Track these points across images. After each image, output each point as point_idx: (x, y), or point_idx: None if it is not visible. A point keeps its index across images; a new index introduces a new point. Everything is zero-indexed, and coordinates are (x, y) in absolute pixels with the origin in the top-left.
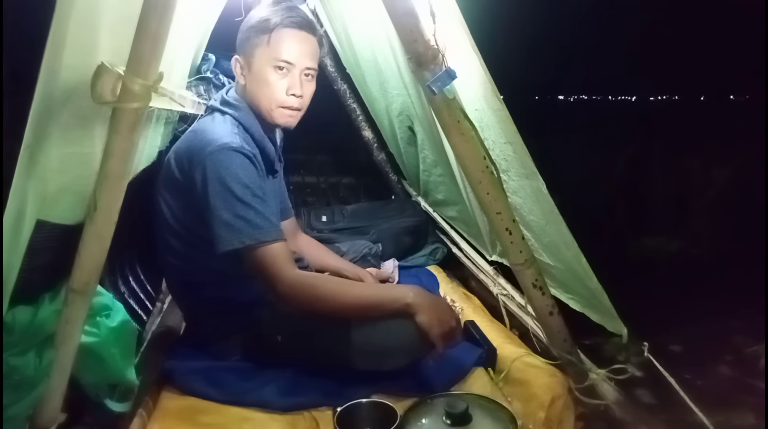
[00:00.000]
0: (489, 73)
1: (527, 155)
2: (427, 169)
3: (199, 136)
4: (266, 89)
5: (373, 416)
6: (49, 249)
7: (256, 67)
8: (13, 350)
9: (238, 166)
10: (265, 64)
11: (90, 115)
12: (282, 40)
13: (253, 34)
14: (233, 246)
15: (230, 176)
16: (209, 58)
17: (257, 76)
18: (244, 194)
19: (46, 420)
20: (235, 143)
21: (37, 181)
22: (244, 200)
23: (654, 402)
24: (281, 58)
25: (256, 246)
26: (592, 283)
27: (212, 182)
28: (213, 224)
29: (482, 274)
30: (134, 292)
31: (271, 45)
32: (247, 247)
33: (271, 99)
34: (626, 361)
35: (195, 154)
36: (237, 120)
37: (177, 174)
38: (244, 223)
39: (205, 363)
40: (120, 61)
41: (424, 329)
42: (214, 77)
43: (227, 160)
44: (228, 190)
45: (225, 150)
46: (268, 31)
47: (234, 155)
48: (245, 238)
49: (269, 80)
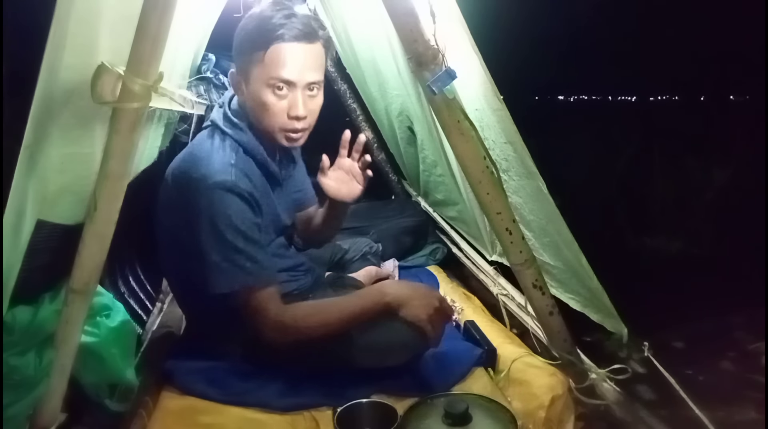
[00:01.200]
0: (489, 73)
1: (527, 155)
2: (426, 169)
3: (196, 165)
4: (265, 113)
5: (373, 416)
6: (49, 249)
7: (252, 87)
8: (13, 350)
9: (232, 209)
10: (262, 84)
11: (90, 115)
12: (278, 57)
13: (248, 48)
14: (223, 290)
15: (223, 219)
16: (209, 58)
17: (254, 97)
18: (236, 239)
19: (46, 420)
20: (229, 181)
21: (37, 181)
22: (235, 245)
23: (654, 402)
24: (279, 77)
25: (246, 291)
26: (592, 283)
27: (204, 222)
28: (204, 265)
29: (482, 274)
30: (134, 292)
31: (267, 63)
32: (237, 292)
33: (271, 123)
34: (626, 361)
35: (189, 188)
36: (238, 142)
37: (173, 193)
38: (235, 269)
39: (205, 363)
40: (120, 61)
41: (411, 321)
42: (214, 77)
43: (219, 202)
44: (219, 233)
45: (218, 190)
46: (263, 47)
47: (227, 197)
48: (234, 283)
49: (267, 103)
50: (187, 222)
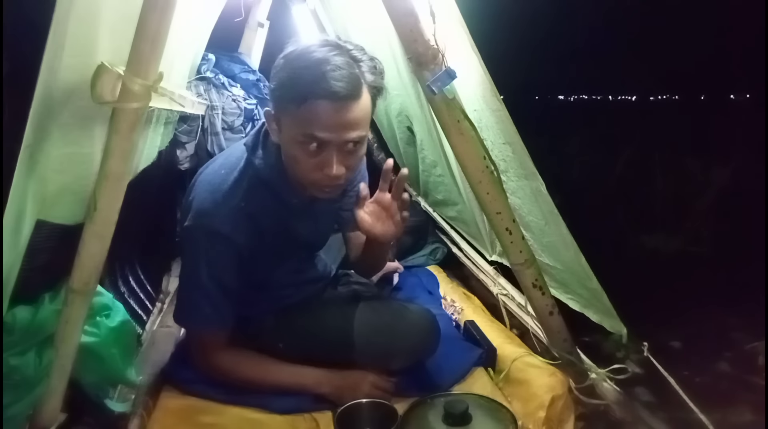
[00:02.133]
0: (488, 73)
1: (526, 155)
2: (426, 170)
3: (209, 189)
4: (296, 166)
5: (373, 416)
6: (49, 249)
7: (285, 136)
8: (13, 350)
9: (213, 252)
10: (294, 137)
11: (90, 115)
12: (314, 115)
13: (279, 97)
14: (181, 323)
15: (202, 258)
16: (209, 58)
17: (286, 147)
18: (209, 283)
19: (46, 420)
20: (225, 230)
21: (37, 181)
22: (207, 289)
23: (654, 401)
24: (313, 135)
25: (197, 330)
26: (591, 283)
27: (187, 252)
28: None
29: (482, 274)
30: (134, 292)
31: (300, 118)
32: (188, 327)
33: (302, 177)
34: (626, 361)
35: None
36: (261, 178)
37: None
38: (197, 311)
39: None
40: (120, 61)
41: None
42: (214, 77)
43: (204, 241)
44: (195, 272)
45: (205, 230)
46: (297, 101)
47: (219, 242)
48: (192, 323)
49: (298, 158)
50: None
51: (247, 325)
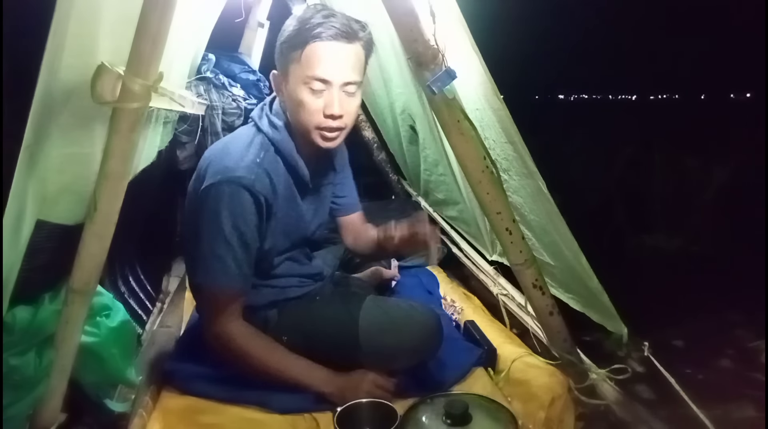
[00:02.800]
0: (489, 72)
1: (528, 155)
2: (428, 169)
3: (222, 155)
4: (301, 111)
5: (373, 416)
6: (49, 249)
7: (290, 86)
8: (13, 350)
9: (238, 206)
10: (299, 83)
11: (90, 115)
12: (315, 56)
13: (286, 48)
14: (198, 281)
15: (226, 214)
16: (209, 58)
17: (292, 96)
18: (231, 237)
19: (46, 420)
20: (246, 179)
21: (37, 181)
22: (229, 242)
23: (654, 401)
24: (315, 76)
25: (217, 289)
26: (592, 283)
27: (208, 211)
28: (192, 251)
29: (482, 274)
30: (134, 292)
31: (303, 62)
32: (209, 286)
33: (307, 121)
34: (626, 361)
35: (209, 173)
36: (270, 140)
37: (198, 181)
38: (218, 266)
39: (205, 363)
40: (120, 61)
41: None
42: (214, 77)
43: (228, 198)
44: (218, 227)
45: (233, 184)
46: (301, 46)
47: (238, 193)
48: (212, 280)
49: (304, 101)
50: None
51: (252, 318)
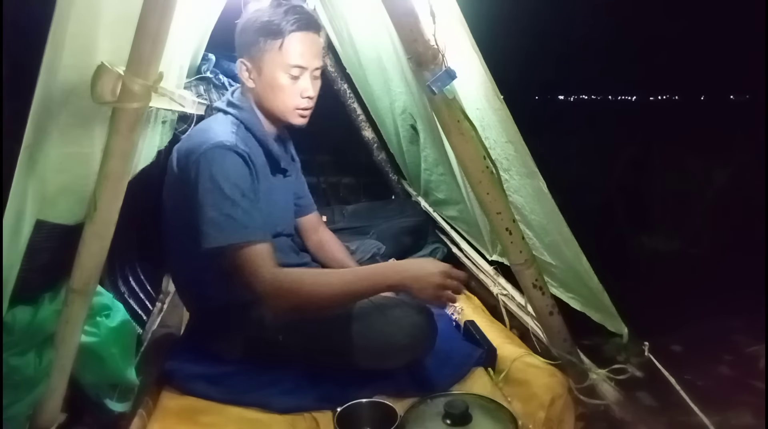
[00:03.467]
0: (489, 72)
1: (528, 154)
2: (428, 168)
3: (198, 135)
4: (281, 94)
5: (373, 416)
6: (49, 249)
7: (268, 73)
8: (13, 350)
9: (230, 165)
10: (278, 70)
11: (90, 115)
12: (294, 46)
13: (262, 38)
14: (218, 243)
15: (221, 174)
16: (209, 58)
17: (270, 82)
18: (233, 193)
19: (46, 420)
20: (229, 142)
21: (37, 181)
22: (233, 198)
23: (654, 402)
24: (295, 64)
25: (240, 245)
26: (592, 283)
27: (203, 179)
28: (200, 221)
29: (482, 274)
30: (134, 292)
31: (284, 51)
32: (231, 246)
33: (286, 103)
34: (626, 361)
35: (192, 151)
36: (238, 119)
37: (177, 172)
38: (231, 222)
39: (205, 363)
40: (120, 61)
41: (419, 298)
42: (214, 77)
43: (220, 158)
44: (218, 188)
45: (218, 148)
46: (280, 36)
47: (227, 154)
48: (229, 237)
49: (284, 86)
50: (188, 187)
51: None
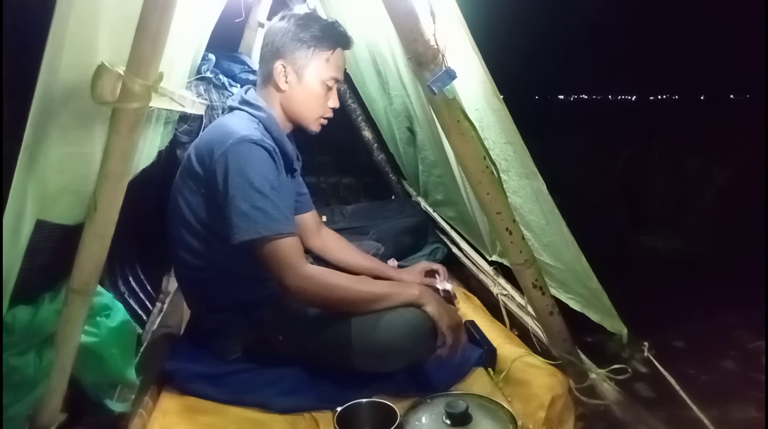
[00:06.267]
0: (489, 72)
1: (527, 155)
2: (426, 170)
3: (220, 130)
4: (314, 102)
5: (373, 416)
6: (49, 249)
7: (308, 80)
8: (13, 350)
9: (258, 158)
10: (319, 79)
11: (90, 115)
12: (339, 60)
13: (313, 47)
14: (249, 236)
15: (250, 168)
16: (209, 58)
17: (308, 88)
18: (263, 186)
19: (46, 420)
20: (255, 136)
21: (37, 181)
22: (263, 192)
23: (654, 401)
24: (336, 77)
25: (272, 237)
26: (592, 283)
27: (232, 173)
28: (230, 215)
29: (482, 274)
30: (134, 292)
31: (331, 64)
32: (263, 238)
33: (316, 111)
34: (626, 361)
35: (216, 146)
36: (255, 117)
37: (197, 168)
38: (261, 215)
39: (205, 363)
40: (120, 61)
41: (434, 319)
42: (214, 77)
43: (248, 152)
44: (247, 182)
45: (246, 142)
46: (330, 48)
47: (254, 148)
48: (261, 229)
49: (320, 95)
50: (213, 182)
51: (248, 314)
